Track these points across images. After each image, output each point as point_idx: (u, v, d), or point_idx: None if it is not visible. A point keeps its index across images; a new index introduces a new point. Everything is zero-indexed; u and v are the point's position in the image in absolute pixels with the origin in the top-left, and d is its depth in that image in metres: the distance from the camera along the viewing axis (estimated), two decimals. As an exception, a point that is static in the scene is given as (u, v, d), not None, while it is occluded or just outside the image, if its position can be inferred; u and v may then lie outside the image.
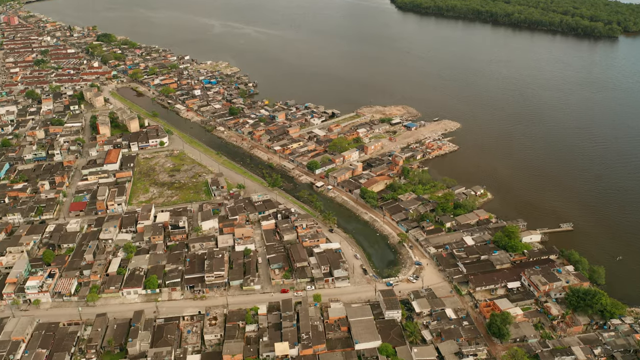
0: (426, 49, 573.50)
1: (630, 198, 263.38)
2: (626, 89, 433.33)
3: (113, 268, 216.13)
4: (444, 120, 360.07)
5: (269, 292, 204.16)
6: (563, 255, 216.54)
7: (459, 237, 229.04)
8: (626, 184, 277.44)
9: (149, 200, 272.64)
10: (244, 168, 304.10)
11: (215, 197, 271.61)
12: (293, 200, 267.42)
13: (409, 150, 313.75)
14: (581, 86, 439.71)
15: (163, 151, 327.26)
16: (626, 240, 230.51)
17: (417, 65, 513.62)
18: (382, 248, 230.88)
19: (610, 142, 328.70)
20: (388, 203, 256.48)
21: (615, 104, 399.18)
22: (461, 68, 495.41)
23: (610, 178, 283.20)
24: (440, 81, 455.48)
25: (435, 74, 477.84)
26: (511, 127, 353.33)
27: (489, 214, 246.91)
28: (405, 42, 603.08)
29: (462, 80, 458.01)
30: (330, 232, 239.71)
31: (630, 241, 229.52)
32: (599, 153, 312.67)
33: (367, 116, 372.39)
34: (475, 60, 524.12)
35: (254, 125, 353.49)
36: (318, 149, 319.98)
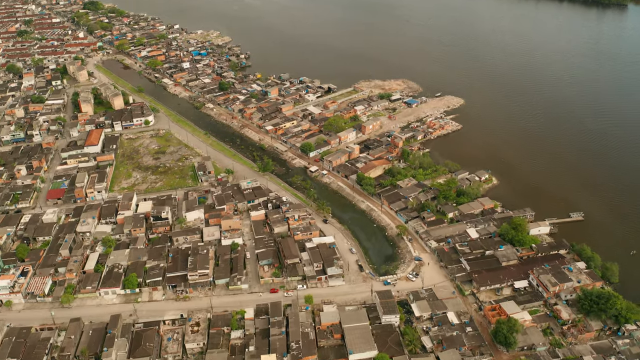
0: (426, 17, 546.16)
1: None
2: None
3: (90, 265, 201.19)
4: (446, 96, 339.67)
5: (257, 291, 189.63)
6: (574, 250, 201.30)
7: (462, 229, 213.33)
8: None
9: (132, 186, 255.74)
10: (233, 150, 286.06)
11: (202, 182, 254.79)
12: (285, 186, 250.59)
13: (409, 130, 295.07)
14: (590, 58, 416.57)
15: (148, 131, 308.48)
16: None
17: (417, 34, 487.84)
18: (380, 241, 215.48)
19: (625, 121, 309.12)
20: (386, 190, 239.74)
21: (625, 77, 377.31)
22: (464, 37, 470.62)
23: (623, 161, 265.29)
24: (443, 52, 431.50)
25: (437, 44, 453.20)
26: (516, 102, 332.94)
27: (494, 202, 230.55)
28: (404, 10, 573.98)
29: (465, 51, 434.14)
30: (324, 222, 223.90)
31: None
32: (611, 133, 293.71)
33: (365, 91, 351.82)
34: (478, 29, 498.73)
35: (245, 102, 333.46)
36: (313, 128, 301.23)
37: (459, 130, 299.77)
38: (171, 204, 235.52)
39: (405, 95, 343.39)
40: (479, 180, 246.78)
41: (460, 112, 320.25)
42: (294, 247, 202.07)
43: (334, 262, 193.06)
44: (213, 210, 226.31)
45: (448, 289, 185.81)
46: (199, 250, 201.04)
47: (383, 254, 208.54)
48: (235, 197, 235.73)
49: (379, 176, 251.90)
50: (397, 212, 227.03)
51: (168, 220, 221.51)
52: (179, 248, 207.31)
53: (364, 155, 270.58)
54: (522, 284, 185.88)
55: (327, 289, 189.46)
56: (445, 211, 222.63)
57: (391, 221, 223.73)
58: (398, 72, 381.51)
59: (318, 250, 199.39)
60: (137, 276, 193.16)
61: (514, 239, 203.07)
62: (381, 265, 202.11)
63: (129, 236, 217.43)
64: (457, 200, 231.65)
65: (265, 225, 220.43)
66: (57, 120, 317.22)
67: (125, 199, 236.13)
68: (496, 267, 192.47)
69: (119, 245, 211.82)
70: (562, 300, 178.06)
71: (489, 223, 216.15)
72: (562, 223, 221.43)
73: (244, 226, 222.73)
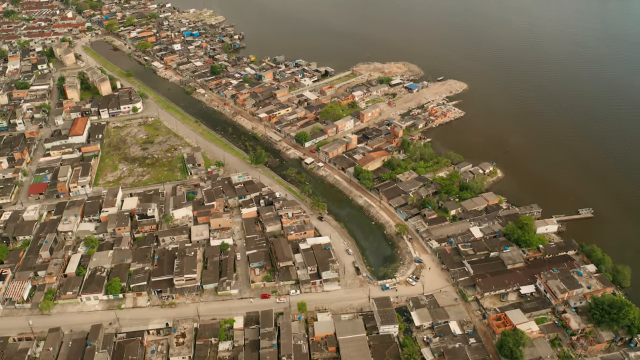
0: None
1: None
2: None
3: (72, 268, 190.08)
4: (449, 80, 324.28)
5: (247, 297, 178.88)
6: (583, 251, 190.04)
7: (465, 228, 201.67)
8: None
9: (118, 180, 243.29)
10: (225, 139, 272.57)
11: (191, 176, 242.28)
12: (279, 180, 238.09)
13: (409, 117, 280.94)
14: (600, 41, 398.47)
15: (136, 118, 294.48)
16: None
17: (419, 11, 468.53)
18: (378, 240, 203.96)
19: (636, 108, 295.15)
20: (385, 184, 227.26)
21: (637, 59, 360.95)
22: (468, 16, 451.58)
23: (637, 152, 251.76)
24: (445, 33, 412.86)
25: (439, 24, 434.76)
26: (522, 87, 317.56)
27: (499, 197, 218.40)
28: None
29: (468, 31, 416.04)
30: (319, 220, 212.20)
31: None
32: (623, 119, 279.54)
33: (364, 75, 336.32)
34: (482, 8, 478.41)
35: (238, 87, 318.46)
36: (308, 116, 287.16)
37: (462, 117, 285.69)
38: (158, 199, 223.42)
39: (406, 80, 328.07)
40: (483, 173, 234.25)
41: (464, 98, 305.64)
42: (287, 248, 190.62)
43: (329, 266, 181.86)
44: (202, 207, 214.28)
45: (450, 296, 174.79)
46: (186, 251, 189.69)
47: (381, 254, 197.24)
48: (226, 192, 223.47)
49: (378, 169, 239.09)
50: (396, 208, 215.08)
51: (154, 219, 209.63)
52: (166, 249, 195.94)
53: (362, 145, 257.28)
54: (529, 289, 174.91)
55: (322, 294, 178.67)
56: (448, 208, 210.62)
57: (390, 218, 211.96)
58: (398, 54, 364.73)
59: (312, 252, 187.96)
60: (121, 280, 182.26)
61: (520, 239, 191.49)
62: (379, 267, 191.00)
63: (113, 235, 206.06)
64: (460, 195, 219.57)
65: (257, 223, 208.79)
66: (42, 108, 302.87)
67: (109, 194, 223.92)
68: (501, 271, 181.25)
69: (102, 245, 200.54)
70: (571, 307, 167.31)
71: (493, 221, 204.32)
72: (570, 220, 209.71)
73: (234, 224, 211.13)
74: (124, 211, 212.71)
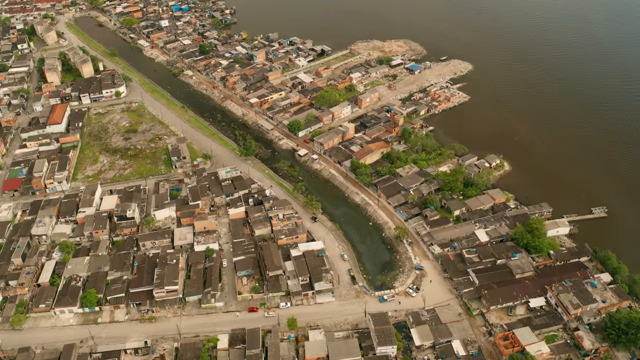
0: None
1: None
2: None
3: (45, 276, 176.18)
4: (452, 60, 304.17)
5: (234, 310, 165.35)
6: (597, 258, 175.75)
7: (469, 231, 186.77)
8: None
9: (98, 174, 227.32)
10: (213, 127, 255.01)
11: (176, 169, 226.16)
12: (270, 174, 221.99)
13: (411, 103, 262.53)
14: (612, 19, 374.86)
15: (119, 104, 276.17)
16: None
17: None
18: (376, 244, 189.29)
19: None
20: (384, 180, 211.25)
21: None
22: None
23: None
24: (449, 8, 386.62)
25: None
26: (530, 69, 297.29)
27: (506, 195, 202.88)
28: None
29: (473, 5, 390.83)
30: (313, 220, 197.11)
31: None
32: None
33: (362, 54, 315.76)
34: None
35: (228, 69, 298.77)
36: (303, 101, 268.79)
37: (466, 102, 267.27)
38: (139, 197, 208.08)
39: (407, 60, 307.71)
40: (489, 166, 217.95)
41: (468, 80, 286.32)
42: (277, 255, 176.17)
43: (322, 276, 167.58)
44: (186, 206, 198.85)
45: (454, 310, 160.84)
46: (167, 259, 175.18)
47: (379, 260, 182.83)
48: (213, 189, 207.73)
49: (376, 162, 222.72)
50: (396, 207, 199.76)
51: (134, 220, 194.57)
52: (146, 255, 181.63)
53: (360, 135, 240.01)
54: (539, 302, 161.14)
55: (315, 307, 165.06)
56: (451, 208, 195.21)
57: (389, 219, 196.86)
58: (399, 31, 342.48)
59: (304, 260, 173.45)
60: (97, 291, 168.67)
61: (529, 244, 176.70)
62: (377, 275, 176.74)
63: (90, 239, 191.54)
64: (465, 192, 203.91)
65: (245, 225, 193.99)
66: (20, 93, 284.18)
67: (87, 192, 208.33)
68: (509, 280, 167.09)
69: (79, 251, 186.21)
70: (584, 324, 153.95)
71: (500, 223, 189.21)
72: (582, 221, 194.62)
73: (221, 225, 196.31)
74: (102, 212, 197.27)
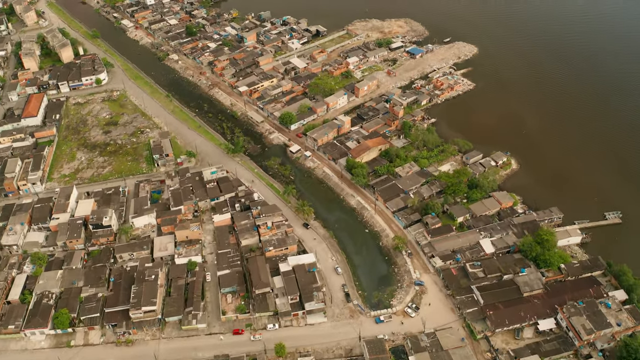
0: None
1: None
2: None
3: (15, 293, 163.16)
4: (457, 42, 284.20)
5: (217, 332, 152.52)
6: (611, 272, 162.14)
7: (473, 240, 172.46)
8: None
9: (75, 172, 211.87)
10: (199, 119, 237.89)
11: (158, 167, 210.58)
12: (259, 174, 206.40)
13: (411, 92, 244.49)
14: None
15: (99, 92, 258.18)
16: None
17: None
18: (372, 254, 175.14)
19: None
20: (382, 181, 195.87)
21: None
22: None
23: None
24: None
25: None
26: (540, 52, 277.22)
27: (513, 198, 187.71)
28: None
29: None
30: (305, 227, 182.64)
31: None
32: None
33: (360, 36, 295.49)
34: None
35: (216, 52, 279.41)
36: (296, 89, 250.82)
37: (471, 90, 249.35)
38: (118, 201, 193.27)
39: (408, 42, 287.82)
40: (495, 165, 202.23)
41: (474, 65, 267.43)
42: (264, 270, 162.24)
43: (313, 295, 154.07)
44: (167, 212, 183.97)
45: (456, 334, 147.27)
46: (146, 274, 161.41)
47: (376, 274, 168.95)
48: (196, 192, 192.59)
49: (374, 160, 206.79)
50: (394, 212, 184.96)
51: (111, 229, 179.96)
52: (123, 268, 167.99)
53: (356, 129, 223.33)
54: (548, 325, 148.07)
55: (305, 329, 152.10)
56: (454, 214, 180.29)
57: (387, 225, 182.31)
58: (400, 8, 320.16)
59: (294, 277, 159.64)
60: (71, 310, 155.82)
61: (538, 257, 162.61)
62: (373, 291, 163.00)
63: (64, 249, 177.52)
64: (469, 194, 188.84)
65: (231, 232, 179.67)
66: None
67: (62, 195, 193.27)
68: (516, 299, 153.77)
69: (52, 263, 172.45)
70: (597, 350, 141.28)
71: (507, 231, 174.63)
72: (595, 227, 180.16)
73: (205, 232, 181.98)
74: (77, 219, 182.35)
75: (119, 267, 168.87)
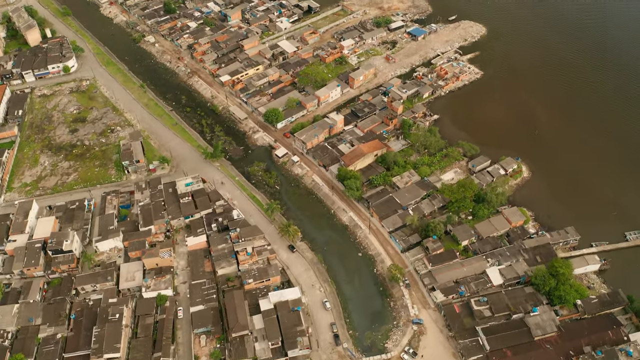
0: None
1: None
2: None
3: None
4: (463, 22, 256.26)
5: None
6: (632, 308, 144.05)
7: (479, 269, 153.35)
8: None
9: (37, 181, 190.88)
10: (175, 115, 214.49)
11: (128, 174, 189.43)
12: (240, 183, 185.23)
13: (412, 83, 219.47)
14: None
15: (68, 82, 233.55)
16: None
17: None
18: (366, 284, 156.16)
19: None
20: (377, 194, 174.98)
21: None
22: None
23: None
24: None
25: None
26: (557, 34, 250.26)
27: (524, 214, 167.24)
28: None
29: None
30: (290, 250, 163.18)
31: None
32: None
33: (356, 13, 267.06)
34: None
35: (197, 33, 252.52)
36: (284, 79, 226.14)
37: (478, 79, 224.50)
38: (82, 218, 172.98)
39: (409, 21, 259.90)
40: (505, 173, 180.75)
41: (481, 48, 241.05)
42: (242, 308, 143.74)
43: (297, 341, 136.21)
44: (136, 234, 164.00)
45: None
46: (109, 312, 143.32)
47: (369, 309, 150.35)
48: (169, 207, 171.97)
49: (369, 167, 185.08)
50: (391, 233, 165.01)
51: (73, 254, 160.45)
52: (86, 302, 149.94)
53: (350, 128, 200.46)
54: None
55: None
56: (458, 237, 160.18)
57: (382, 248, 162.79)
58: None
59: (276, 317, 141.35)
60: (27, 354, 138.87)
61: (552, 293, 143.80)
62: (365, 331, 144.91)
63: (22, 277, 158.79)
64: (474, 210, 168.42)
65: (207, 257, 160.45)
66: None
67: (20, 212, 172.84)
68: (526, 343, 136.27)
69: (7, 295, 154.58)
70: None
71: (517, 257, 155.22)
72: (615, 250, 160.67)
73: (178, 256, 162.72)
74: (36, 242, 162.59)
75: (81, 301, 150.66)
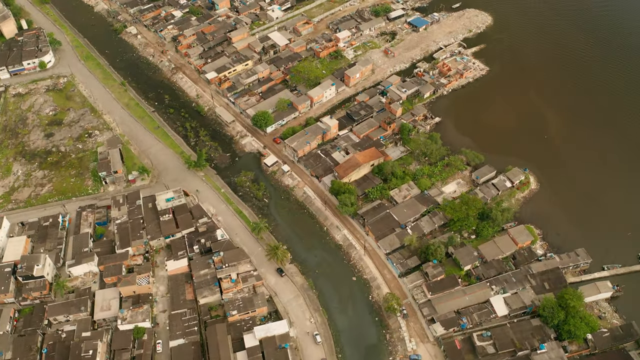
0: None
1: None
2: None
3: None
4: (467, 10, 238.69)
5: None
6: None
7: (483, 297, 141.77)
8: None
9: (9, 192, 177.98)
10: (158, 117, 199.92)
11: (106, 186, 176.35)
12: (226, 195, 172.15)
13: (412, 81, 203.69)
14: None
15: (44, 79, 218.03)
16: None
17: None
18: (360, 314, 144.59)
19: None
20: (373, 210, 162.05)
21: None
22: None
23: None
24: None
25: None
26: (571, 25, 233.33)
27: (531, 232, 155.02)
28: None
29: None
30: (279, 274, 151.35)
31: None
32: None
33: (354, 0, 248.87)
34: None
35: (182, 24, 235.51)
36: (274, 76, 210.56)
37: (483, 76, 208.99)
38: (56, 236, 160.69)
39: (410, 9, 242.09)
40: (511, 186, 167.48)
41: (487, 40, 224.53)
42: (225, 344, 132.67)
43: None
44: (112, 256, 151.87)
45: None
46: (82, 348, 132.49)
47: (363, 342, 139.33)
48: (148, 226, 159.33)
49: (365, 177, 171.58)
50: (387, 255, 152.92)
51: (45, 280, 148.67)
52: (58, 334, 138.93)
53: (345, 134, 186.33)
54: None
55: None
56: (460, 261, 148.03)
57: (378, 272, 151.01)
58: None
59: (262, 355, 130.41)
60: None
61: (561, 327, 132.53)
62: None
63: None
64: (478, 229, 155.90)
65: (188, 281, 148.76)
66: None
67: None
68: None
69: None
70: None
71: (523, 284, 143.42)
72: (628, 274, 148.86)
73: (158, 281, 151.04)
74: (6, 265, 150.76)
75: (53, 334, 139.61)
